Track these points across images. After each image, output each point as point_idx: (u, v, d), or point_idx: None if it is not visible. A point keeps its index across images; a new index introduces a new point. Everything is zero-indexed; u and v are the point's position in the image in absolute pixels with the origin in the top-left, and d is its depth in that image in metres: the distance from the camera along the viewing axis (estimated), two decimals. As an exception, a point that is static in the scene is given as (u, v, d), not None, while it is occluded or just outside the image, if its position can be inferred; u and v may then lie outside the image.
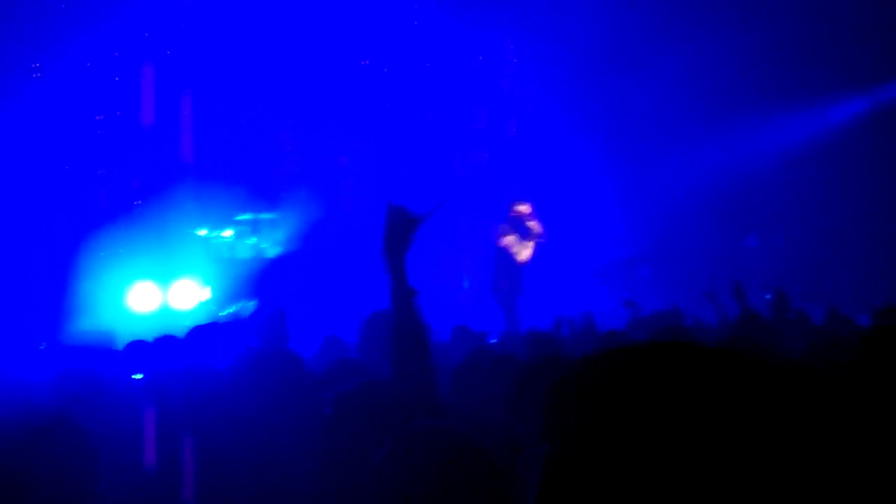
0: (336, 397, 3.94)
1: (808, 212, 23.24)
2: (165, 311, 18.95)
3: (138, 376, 8.12)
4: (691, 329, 9.96)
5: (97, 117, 21.55)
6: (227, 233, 20.87)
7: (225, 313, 18.42)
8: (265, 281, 18.50)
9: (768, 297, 12.27)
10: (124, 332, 15.12)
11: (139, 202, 21.42)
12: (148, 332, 12.16)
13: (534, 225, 18.12)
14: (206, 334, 8.58)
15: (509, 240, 17.89)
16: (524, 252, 18.12)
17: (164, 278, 19.71)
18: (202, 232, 20.78)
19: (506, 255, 17.90)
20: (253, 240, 20.76)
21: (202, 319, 15.16)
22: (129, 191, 21.50)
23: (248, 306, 17.64)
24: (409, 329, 4.53)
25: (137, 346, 8.98)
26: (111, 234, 20.80)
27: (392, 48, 23.49)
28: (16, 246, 19.75)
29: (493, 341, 12.62)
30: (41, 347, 14.69)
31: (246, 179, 21.70)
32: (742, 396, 1.64)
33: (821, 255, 22.91)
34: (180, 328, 10.35)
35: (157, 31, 21.53)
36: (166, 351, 8.16)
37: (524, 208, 18.12)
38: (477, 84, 24.42)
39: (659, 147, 23.40)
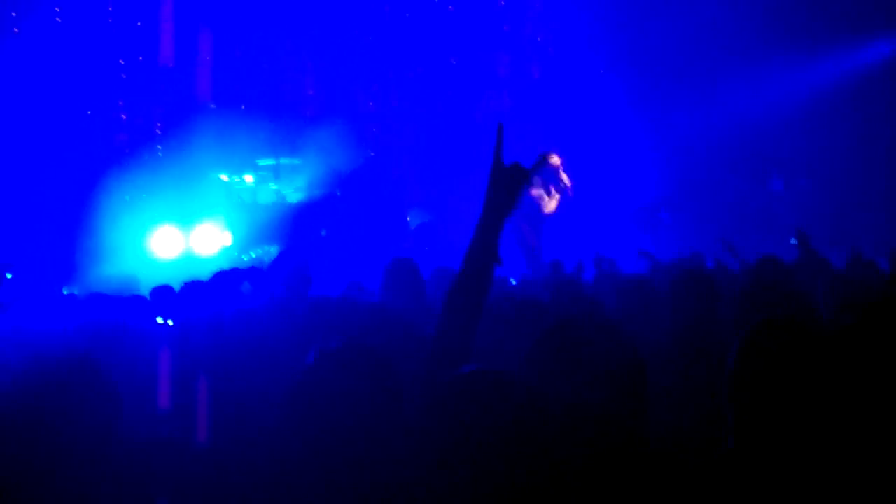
0: (321, 353, 3.91)
1: (833, 156, 23.12)
2: (188, 256, 18.95)
3: (161, 321, 8.13)
4: (712, 273, 9.89)
5: (119, 61, 21.53)
6: (249, 178, 20.85)
7: (247, 258, 18.44)
8: (287, 226, 18.48)
9: (793, 241, 12.23)
10: (147, 277, 15.18)
11: (160, 146, 21.43)
12: (171, 277, 12.20)
13: (564, 178, 18.07)
14: (229, 280, 8.58)
15: (538, 192, 17.83)
16: (551, 204, 18.09)
17: (185, 223, 19.72)
18: (224, 177, 20.76)
19: (532, 205, 17.83)
20: (274, 185, 20.75)
21: (224, 265, 15.19)
22: (151, 134, 21.51)
23: (271, 252, 17.67)
24: (474, 296, 4.43)
25: (163, 292, 8.99)
26: (133, 178, 20.83)
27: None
28: (37, 189, 19.78)
29: (512, 283, 12.63)
30: (65, 293, 14.74)
31: (268, 124, 21.66)
32: None
33: (846, 199, 22.82)
34: (203, 273, 10.35)
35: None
36: (192, 297, 8.15)
37: (556, 160, 18.03)
38: (501, 24, 24.30)
39: (686, 90, 23.25)
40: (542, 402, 3.47)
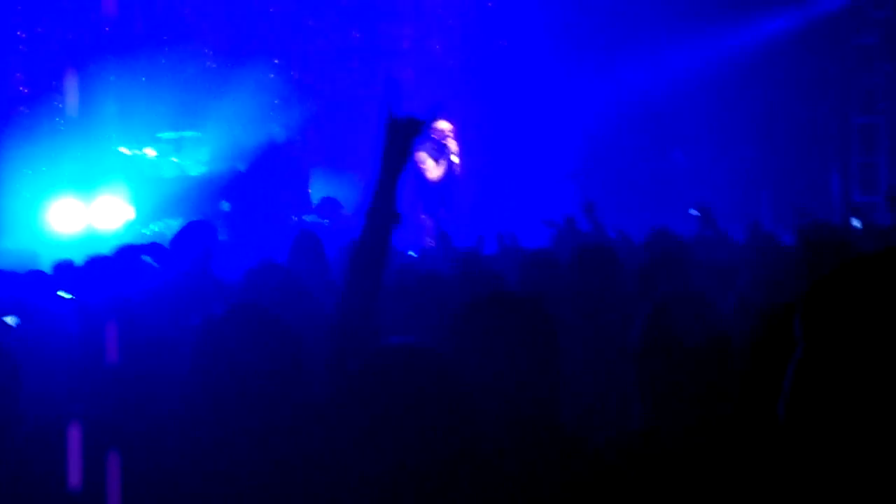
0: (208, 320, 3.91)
1: (737, 128, 23.33)
2: (89, 231, 18.77)
3: (65, 295, 8.06)
4: (613, 245, 9.97)
5: (18, 32, 21.29)
6: (150, 151, 20.66)
7: (149, 232, 18.31)
8: (189, 200, 18.37)
9: (693, 212, 12.35)
10: (46, 253, 15.03)
11: (60, 119, 21.21)
12: (72, 253, 12.09)
13: (451, 144, 18.07)
14: (133, 256, 8.53)
15: (420, 156, 17.82)
16: (435, 171, 18.10)
17: (86, 196, 19.55)
18: (125, 150, 20.56)
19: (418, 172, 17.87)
20: (176, 158, 20.59)
21: (127, 239, 15.08)
22: (51, 105, 21.28)
23: (172, 225, 17.54)
24: (376, 254, 4.41)
25: (66, 268, 8.92)
26: (32, 151, 20.60)
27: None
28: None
29: (412, 255, 12.67)
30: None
31: (169, 96, 21.50)
32: None
33: (748, 173, 23.05)
34: (105, 248, 10.28)
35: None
36: (96, 274, 8.08)
37: (445, 126, 18.05)
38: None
39: (596, 58, 23.33)
40: (461, 375, 3.51)
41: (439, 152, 18.02)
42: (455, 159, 18.14)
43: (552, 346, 3.82)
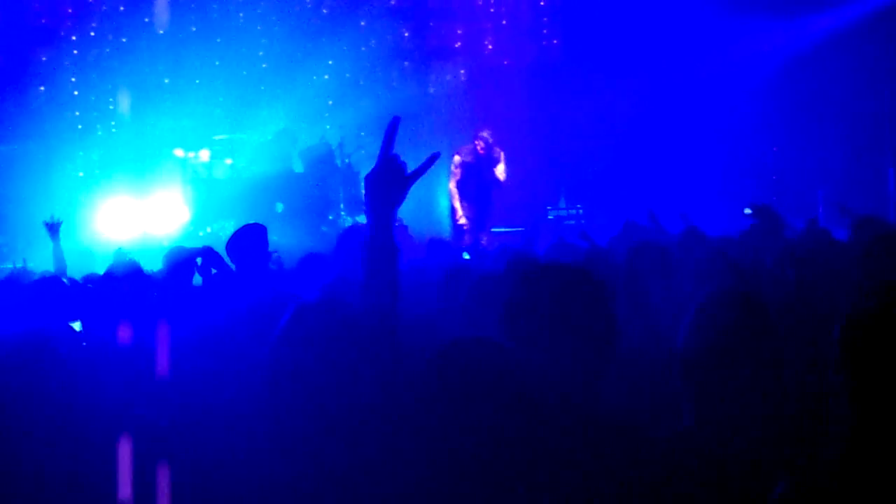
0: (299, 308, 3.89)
1: (791, 124, 23.20)
2: (144, 235, 18.90)
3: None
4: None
5: (72, 37, 21.46)
6: (204, 153, 20.77)
7: (203, 234, 18.40)
8: (243, 201, 18.44)
9: (747, 211, 12.24)
10: (103, 254, 15.11)
11: (114, 122, 21.38)
12: (130, 253, 12.21)
13: (495, 151, 18.25)
14: (187, 265, 8.57)
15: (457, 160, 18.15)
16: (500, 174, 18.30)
17: (140, 197, 19.73)
18: (178, 152, 20.69)
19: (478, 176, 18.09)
20: (230, 160, 20.68)
21: (182, 241, 15.16)
22: (105, 109, 21.46)
23: (227, 227, 17.63)
24: (385, 307, 4.31)
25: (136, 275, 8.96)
26: (87, 155, 20.78)
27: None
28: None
29: (465, 257, 12.67)
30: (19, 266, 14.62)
31: (223, 99, 21.62)
32: None
33: (805, 171, 22.90)
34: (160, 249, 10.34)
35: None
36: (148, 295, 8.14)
37: (485, 134, 18.25)
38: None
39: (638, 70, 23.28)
40: (525, 367, 3.52)
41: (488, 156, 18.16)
42: (500, 168, 18.26)
43: (609, 321, 3.82)
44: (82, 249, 15.48)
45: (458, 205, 18.28)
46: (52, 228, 11.61)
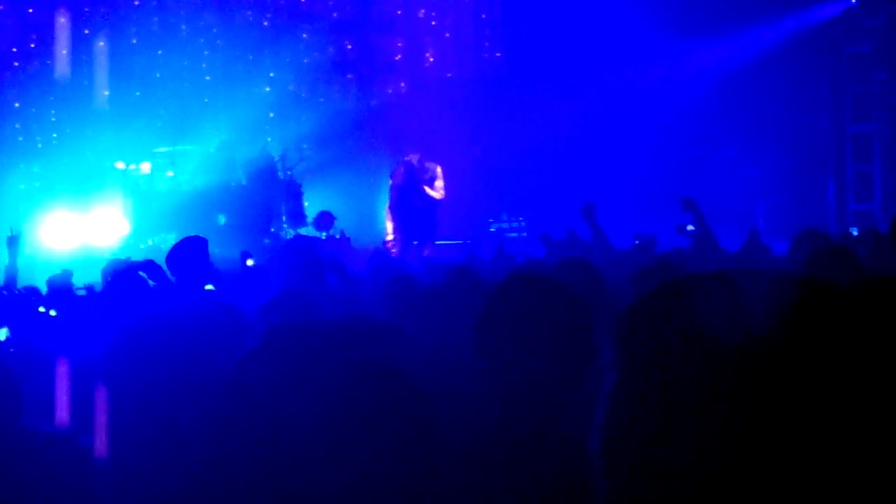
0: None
1: (729, 138, 23.38)
2: (85, 250, 18.77)
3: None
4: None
5: (12, 48, 21.33)
6: (145, 165, 20.68)
7: (144, 247, 18.31)
8: (184, 214, 18.36)
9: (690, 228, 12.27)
10: (43, 266, 15.02)
11: (55, 134, 21.28)
12: (69, 265, 12.13)
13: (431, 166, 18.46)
14: (128, 277, 8.53)
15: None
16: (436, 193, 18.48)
17: (81, 209, 19.62)
18: (120, 164, 20.59)
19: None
20: (172, 172, 20.59)
21: (122, 254, 15.09)
22: (46, 120, 21.35)
23: (168, 239, 17.55)
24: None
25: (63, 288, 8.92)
26: (27, 167, 20.65)
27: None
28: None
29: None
30: None
31: (164, 111, 21.57)
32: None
33: (744, 183, 23.05)
34: (100, 262, 10.29)
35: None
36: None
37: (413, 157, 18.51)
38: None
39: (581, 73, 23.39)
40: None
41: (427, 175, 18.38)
42: (437, 184, 18.47)
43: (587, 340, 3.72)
44: (24, 261, 15.39)
45: (388, 226, 18.60)
46: (11, 241, 11.53)
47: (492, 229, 23.18)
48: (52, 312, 8.20)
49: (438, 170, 18.58)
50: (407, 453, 3.33)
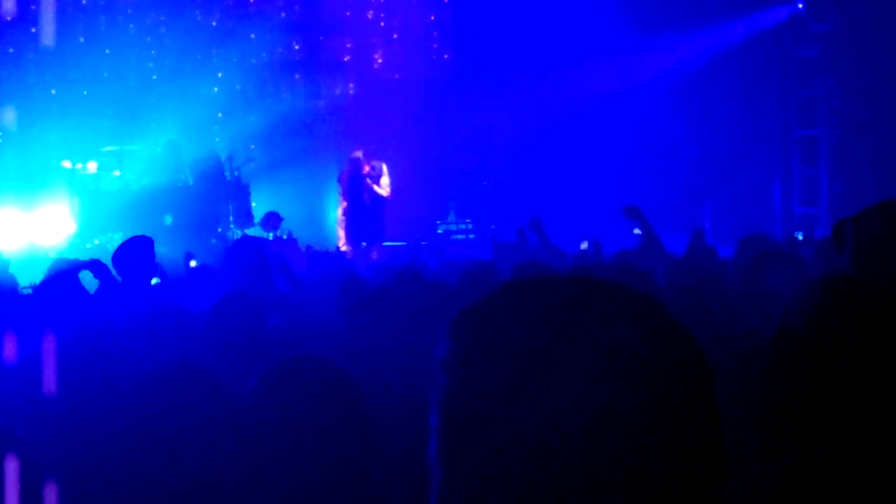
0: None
1: (677, 139, 23.51)
2: (31, 249, 18.67)
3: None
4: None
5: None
6: (92, 164, 20.56)
7: (91, 246, 18.22)
8: (131, 214, 18.28)
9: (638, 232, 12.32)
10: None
11: (1, 134, 21.15)
12: (15, 269, 12.05)
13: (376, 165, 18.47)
14: (71, 276, 8.47)
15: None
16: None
17: (27, 208, 19.51)
18: (66, 163, 20.47)
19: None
20: (118, 171, 20.49)
21: (68, 253, 15.00)
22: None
23: (114, 239, 17.46)
24: None
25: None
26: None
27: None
28: None
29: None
30: None
31: (111, 109, 21.47)
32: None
33: (691, 184, 23.18)
34: (46, 262, 10.23)
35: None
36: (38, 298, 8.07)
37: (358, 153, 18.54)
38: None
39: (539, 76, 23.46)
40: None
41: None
42: (383, 181, 18.51)
43: None
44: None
45: (340, 233, 18.68)
46: None
47: (439, 231, 23.21)
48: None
49: (384, 167, 18.64)
50: (343, 446, 3.36)
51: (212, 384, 3.78)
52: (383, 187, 18.55)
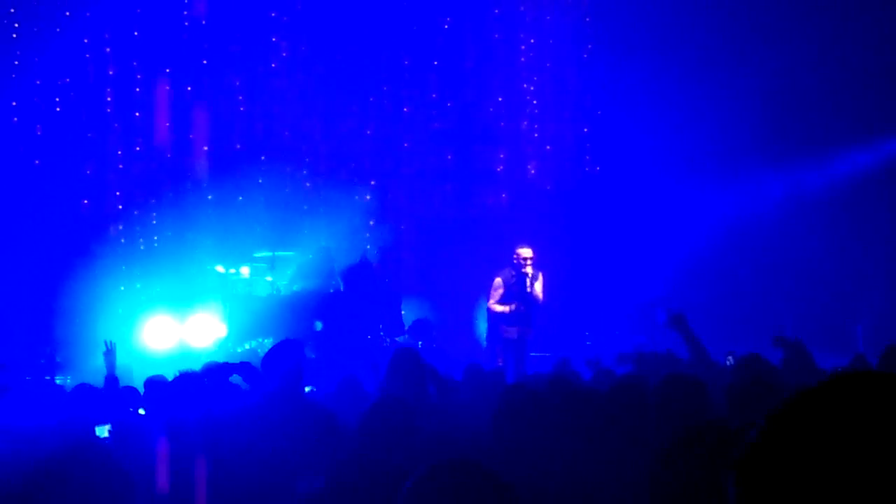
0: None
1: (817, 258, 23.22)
2: (182, 348, 18.91)
3: (143, 412, 8.12)
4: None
5: (118, 152, 21.67)
6: (245, 269, 20.84)
7: (241, 350, 18.37)
8: (282, 319, 18.42)
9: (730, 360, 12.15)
10: (140, 369, 15.13)
11: (157, 236, 21.54)
12: (165, 369, 12.17)
13: (529, 270, 18.02)
14: (220, 374, 8.54)
15: (496, 282, 17.95)
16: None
17: (180, 314, 19.74)
18: (220, 268, 20.76)
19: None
20: (270, 277, 20.71)
21: (218, 357, 15.16)
22: (147, 223, 21.62)
23: (265, 344, 17.61)
24: None
25: (156, 385, 8.96)
26: (128, 268, 20.88)
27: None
28: (31, 278, 19.89)
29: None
30: (58, 382, 14.64)
31: (265, 216, 21.74)
32: None
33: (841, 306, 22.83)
34: (196, 365, 10.33)
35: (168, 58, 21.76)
36: (184, 391, 8.12)
37: (526, 252, 18.07)
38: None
39: (680, 191, 23.40)
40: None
41: (519, 278, 17.97)
42: (538, 286, 18.09)
43: None
44: (122, 368, 15.53)
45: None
46: (108, 354, 11.61)
47: (588, 343, 23.00)
48: (141, 411, 8.27)
49: (540, 275, 18.38)
50: None
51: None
52: (538, 293, 18.27)
